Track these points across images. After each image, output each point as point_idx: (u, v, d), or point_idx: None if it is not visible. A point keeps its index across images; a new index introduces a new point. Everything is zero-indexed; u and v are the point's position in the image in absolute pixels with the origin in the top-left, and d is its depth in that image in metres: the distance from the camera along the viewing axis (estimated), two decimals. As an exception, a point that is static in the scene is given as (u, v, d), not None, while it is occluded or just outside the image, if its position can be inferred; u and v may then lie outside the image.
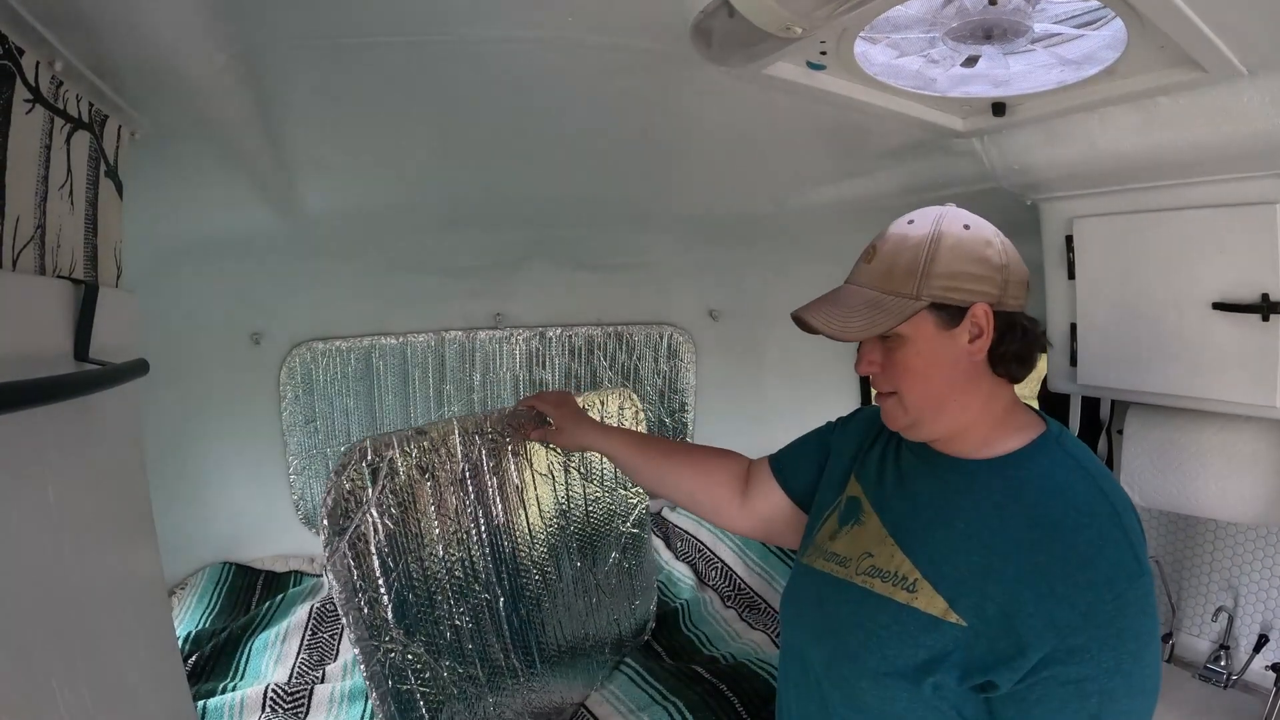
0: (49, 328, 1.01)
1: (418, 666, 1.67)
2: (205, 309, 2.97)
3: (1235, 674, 1.90)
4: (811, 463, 1.61)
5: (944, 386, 1.26)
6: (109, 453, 1.20)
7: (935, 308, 1.23)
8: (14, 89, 0.91)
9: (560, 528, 2.20)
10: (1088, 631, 1.08)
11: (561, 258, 3.34)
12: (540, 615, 2.08)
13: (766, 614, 2.84)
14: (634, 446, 1.83)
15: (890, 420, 1.32)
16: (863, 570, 1.31)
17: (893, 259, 1.25)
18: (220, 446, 3.11)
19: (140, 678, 1.18)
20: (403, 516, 1.67)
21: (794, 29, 1.15)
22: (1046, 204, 1.92)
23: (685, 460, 1.81)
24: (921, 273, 1.23)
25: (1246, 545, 1.93)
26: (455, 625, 1.78)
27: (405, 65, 1.39)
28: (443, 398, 3.40)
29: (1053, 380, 2.01)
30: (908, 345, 1.24)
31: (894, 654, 1.21)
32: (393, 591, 1.62)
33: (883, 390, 1.30)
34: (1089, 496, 1.18)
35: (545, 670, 2.07)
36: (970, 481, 1.26)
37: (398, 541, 1.65)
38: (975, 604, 1.16)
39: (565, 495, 2.23)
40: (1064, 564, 1.11)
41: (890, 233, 1.29)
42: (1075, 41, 1.32)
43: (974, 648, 1.15)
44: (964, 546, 1.20)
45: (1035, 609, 1.11)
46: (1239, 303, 1.55)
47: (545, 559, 2.13)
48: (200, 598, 2.91)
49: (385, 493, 1.63)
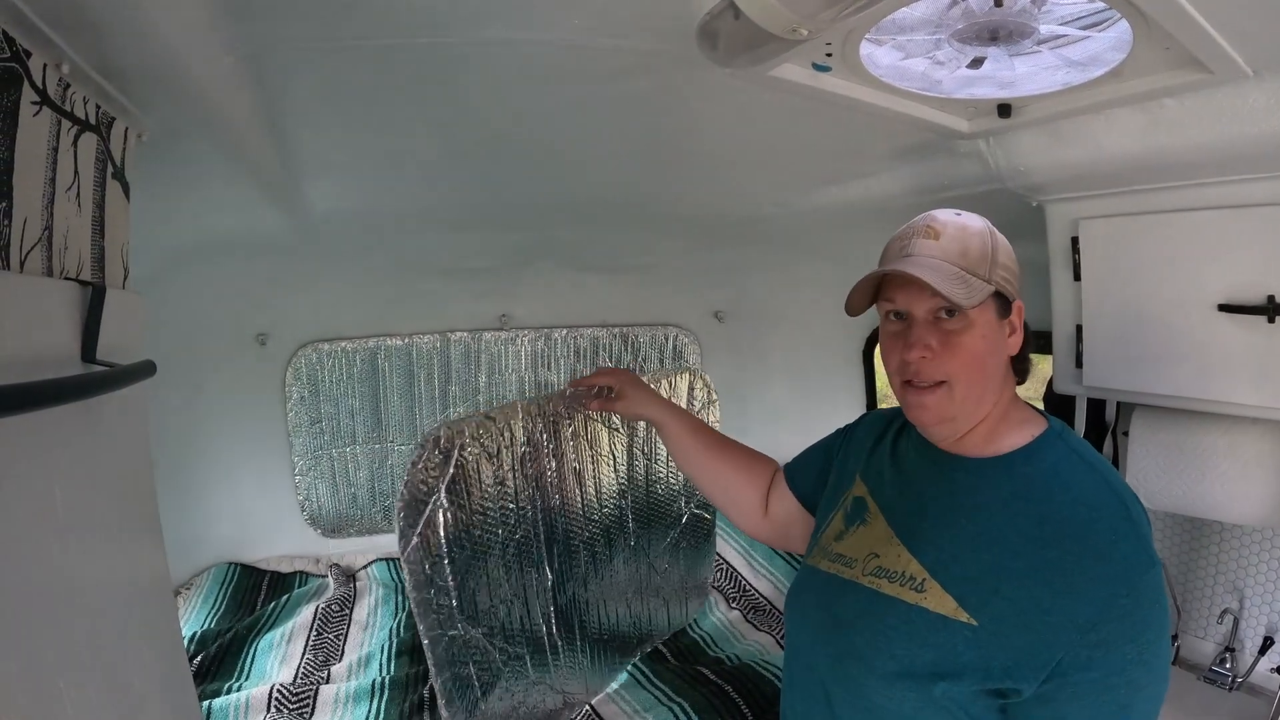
0: (56, 329, 1.01)
1: (475, 650, 1.72)
2: (211, 310, 2.99)
3: (1240, 676, 1.89)
4: (821, 469, 1.62)
5: (992, 376, 1.27)
6: (116, 454, 1.20)
7: (997, 296, 1.25)
8: (21, 91, 0.91)
9: (618, 508, 2.23)
10: (1109, 626, 1.09)
11: (567, 259, 3.35)
12: (586, 595, 2.13)
13: (772, 615, 2.84)
14: (689, 426, 1.82)
15: (929, 414, 1.28)
16: (869, 571, 1.31)
17: (964, 240, 1.25)
18: (226, 447, 3.13)
19: (146, 678, 1.18)
20: (470, 502, 1.71)
21: (800, 31, 1.15)
22: (1052, 205, 1.92)
23: (732, 456, 1.80)
24: (990, 260, 1.25)
25: (1252, 547, 1.93)
26: (509, 606, 1.83)
27: (411, 67, 1.39)
28: (448, 399, 3.41)
29: (1058, 382, 2.01)
30: (974, 329, 1.24)
31: (902, 654, 1.20)
32: (459, 578, 1.67)
33: (930, 380, 1.25)
34: (1096, 490, 1.18)
35: (585, 648, 2.12)
36: (977, 480, 1.27)
37: (464, 527, 1.69)
38: (986, 602, 1.16)
39: (626, 476, 2.25)
40: (1078, 559, 1.12)
41: (941, 218, 1.28)
42: (1081, 43, 1.32)
43: (987, 647, 1.15)
44: (973, 545, 1.21)
45: (1052, 605, 1.11)
46: (1245, 304, 1.55)
47: (598, 539, 2.16)
48: (206, 598, 2.93)
49: (455, 479, 1.66)
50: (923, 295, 1.24)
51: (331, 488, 3.33)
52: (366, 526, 3.41)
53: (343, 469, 3.33)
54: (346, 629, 2.78)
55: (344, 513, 3.37)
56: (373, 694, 2.25)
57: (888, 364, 1.33)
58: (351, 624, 2.81)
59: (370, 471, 3.38)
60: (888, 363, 1.32)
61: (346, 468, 3.34)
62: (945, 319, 1.24)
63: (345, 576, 3.18)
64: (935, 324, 1.25)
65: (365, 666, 2.49)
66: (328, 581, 3.12)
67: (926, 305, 1.24)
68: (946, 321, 1.24)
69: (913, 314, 1.26)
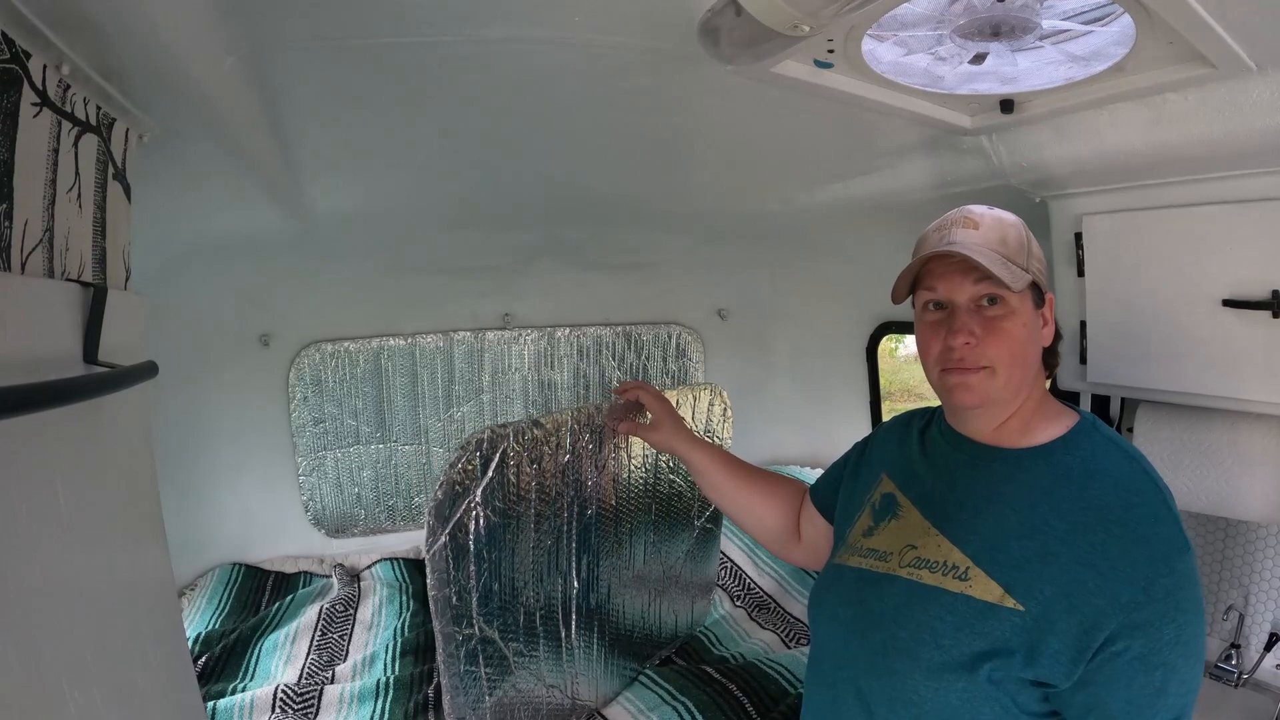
0: (58, 330, 1.01)
1: (488, 651, 1.73)
2: (214, 311, 2.99)
3: (1246, 673, 1.88)
4: (841, 482, 1.64)
5: (1031, 365, 1.30)
6: (119, 454, 1.21)
7: (1033, 286, 1.28)
8: (21, 92, 0.91)
9: (645, 521, 2.24)
10: (1150, 607, 1.10)
11: (570, 258, 3.35)
12: (609, 604, 2.14)
13: (776, 614, 2.83)
14: (720, 464, 1.83)
15: (973, 394, 1.28)
16: (907, 563, 1.31)
17: (1002, 230, 1.28)
18: (230, 448, 3.13)
19: (150, 679, 1.18)
20: (505, 508, 1.71)
21: (801, 27, 1.15)
22: (1055, 201, 1.92)
23: (761, 486, 1.82)
24: (1027, 250, 1.28)
25: (1257, 543, 1.92)
26: (529, 611, 1.84)
27: (413, 66, 1.39)
28: (452, 398, 3.42)
29: (1062, 378, 2.00)
30: (1016, 316, 1.26)
31: (950, 644, 1.20)
32: (481, 581, 1.68)
33: (974, 366, 1.26)
34: (1135, 477, 1.20)
35: (600, 655, 2.13)
36: (1015, 469, 1.28)
37: (496, 532, 1.69)
38: (1033, 588, 1.17)
39: (653, 485, 2.25)
40: (1120, 542, 1.13)
41: (977, 210, 1.31)
42: (1083, 38, 1.31)
43: (1034, 633, 1.15)
44: (1017, 532, 1.21)
45: (1097, 588, 1.12)
46: (1249, 299, 1.55)
47: (623, 547, 2.17)
48: (210, 599, 2.93)
49: (492, 484, 1.67)
50: (965, 283, 1.26)
51: (335, 488, 3.33)
52: (370, 527, 3.41)
53: (346, 469, 3.34)
54: (351, 629, 2.78)
55: (348, 513, 3.37)
56: (377, 694, 2.25)
57: (927, 354, 1.33)
58: (356, 624, 2.81)
59: (374, 472, 3.38)
60: (927, 353, 1.33)
61: (350, 468, 3.34)
62: (987, 307, 1.26)
63: (349, 577, 3.18)
64: (977, 311, 1.27)
65: (370, 666, 2.49)
66: (332, 582, 3.12)
67: (969, 293, 1.26)
68: (988, 309, 1.26)
69: (954, 302, 1.28)
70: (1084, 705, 1.15)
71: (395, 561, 3.24)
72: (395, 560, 3.25)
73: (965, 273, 1.25)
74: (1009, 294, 1.25)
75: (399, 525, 3.45)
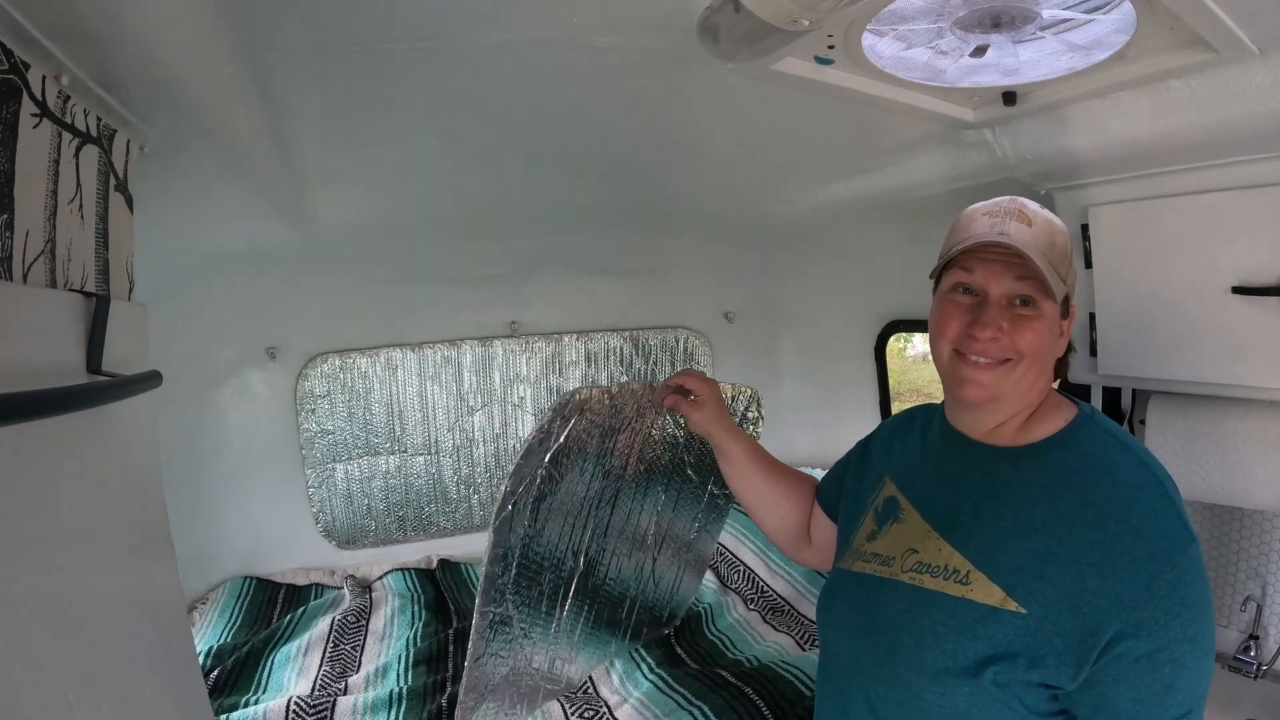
0: (61, 341, 1.01)
1: (505, 628, 1.73)
2: (220, 324, 3.00)
3: (1265, 664, 1.86)
4: (843, 482, 1.63)
5: (1045, 369, 1.28)
6: (123, 464, 1.21)
7: (1064, 298, 1.28)
8: (21, 103, 0.91)
9: (670, 501, 2.23)
10: (1153, 604, 1.08)
11: (575, 264, 3.36)
12: (610, 580, 2.13)
13: (790, 616, 2.82)
14: (753, 455, 1.81)
15: (981, 391, 1.26)
16: (909, 567, 1.30)
17: (1051, 236, 1.26)
18: (239, 461, 3.14)
19: (159, 692, 1.18)
20: (559, 478, 1.70)
21: (800, 22, 1.14)
22: (1061, 193, 1.91)
23: (788, 483, 1.80)
24: (1068, 261, 1.27)
25: (1274, 533, 1.90)
26: (540, 586, 1.83)
27: (413, 73, 1.39)
28: (461, 408, 3.42)
29: (1073, 371, 1.99)
30: (1043, 320, 1.25)
31: (952, 648, 1.19)
32: (517, 554, 1.67)
33: (998, 357, 1.25)
34: (1133, 470, 1.18)
35: (587, 628, 2.13)
36: (1013, 469, 1.27)
37: (546, 501, 1.68)
38: (1034, 590, 1.15)
39: (678, 466, 2.22)
40: (1120, 539, 1.12)
41: (1031, 206, 1.28)
42: (1084, 26, 1.31)
43: (1037, 635, 1.14)
44: (1016, 533, 1.20)
45: (1099, 587, 1.10)
46: (1259, 286, 1.54)
47: (634, 520, 2.14)
48: (221, 612, 2.93)
49: (559, 453, 1.65)
50: (1005, 276, 1.24)
51: (346, 499, 3.33)
52: (381, 537, 3.41)
53: (357, 480, 3.34)
54: (363, 640, 2.77)
55: (359, 524, 3.37)
56: (390, 704, 2.25)
57: (942, 333, 1.30)
58: (368, 635, 2.81)
59: (384, 482, 3.38)
60: (943, 331, 1.30)
61: (360, 479, 3.34)
62: (1019, 306, 1.25)
63: (361, 588, 3.18)
64: (1008, 307, 1.25)
65: (383, 677, 2.49)
66: (343, 593, 3.12)
67: (1006, 288, 1.25)
68: (1019, 308, 1.25)
69: (988, 293, 1.26)
70: (1092, 705, 1.14)
71: (407, 572, 3.23)
72: (407, 570, 3.25)
73: (1008, 266, 1.23)
74: (1043, 299, 1.23)
75: (410, 536, 3.45)
